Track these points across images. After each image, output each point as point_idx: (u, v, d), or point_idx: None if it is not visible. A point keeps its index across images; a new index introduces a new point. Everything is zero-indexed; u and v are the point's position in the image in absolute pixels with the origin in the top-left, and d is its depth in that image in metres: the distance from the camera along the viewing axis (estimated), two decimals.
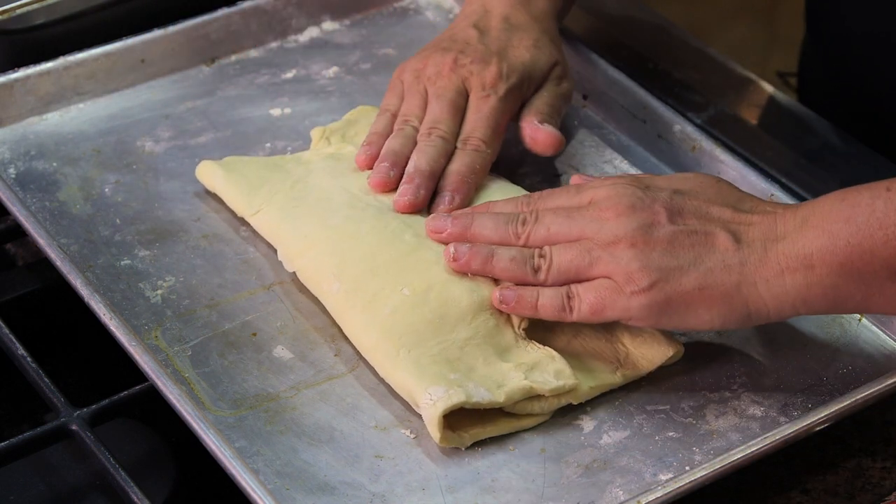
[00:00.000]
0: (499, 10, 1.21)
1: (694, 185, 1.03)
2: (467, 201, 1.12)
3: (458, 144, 1.14)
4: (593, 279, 1.00)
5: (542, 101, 1.18)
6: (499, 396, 0.99)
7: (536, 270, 1.02)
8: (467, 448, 0.99)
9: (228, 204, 1.15)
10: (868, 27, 1.33)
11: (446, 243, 1.05)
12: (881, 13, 1.31)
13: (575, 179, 1.10)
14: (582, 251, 1.01)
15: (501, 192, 1.13)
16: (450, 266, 1.04)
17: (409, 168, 1.12)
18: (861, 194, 0.97)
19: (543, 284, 1.02)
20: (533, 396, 1.00)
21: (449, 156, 1.14)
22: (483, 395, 0.99)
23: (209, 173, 1.17)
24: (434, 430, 0.98)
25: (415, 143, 1.14)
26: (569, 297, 1.00)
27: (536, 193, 1.07)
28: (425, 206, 1.11)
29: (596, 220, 1.01)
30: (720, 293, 0.98)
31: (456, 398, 0.98)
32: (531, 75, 1.18)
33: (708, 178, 1.05)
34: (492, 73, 1.16)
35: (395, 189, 1.11)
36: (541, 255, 1.02)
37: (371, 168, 1.14)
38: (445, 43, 1.20)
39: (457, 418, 0.99)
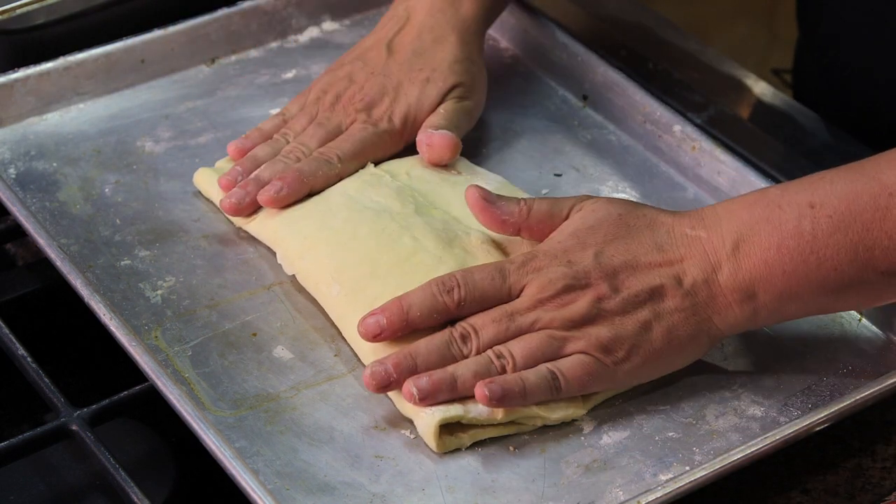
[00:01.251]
0: (418, 18, 1.22)
1: (606, 233, 1.02)
2: (293, 197, 1.12)
3: (315, 153, 1.16)
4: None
5: (437, 116, 1.18)
6: (497, 413, 0.98)
7: (503, 372, 0.99)
8: (467, 448, 0.99)
9: (224, 212, 1.15)
10: (858, 24, 1.33)
11: (393, 389, 0.99)
12: (870, 10, 1.31)
13: (471, 193, 1.05)
14: (545, 338, 0.99)
15: (503, 190, 1.13)
16: (416, 405, 0.98)
17: (251, 175, 1.15)
18: (785, 214, 0.99)
19: None
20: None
21: None
22: (481, 410, 0.98)
23: (205, 181, 1.16)
24: (430, 440, 0.98)
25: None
26: (553, 378, 0.98)
27: (453, 277, 1.01)
28: (249, 212, 1.13)
29: (545, 311, 1.00)
30: (686, 338, 1.00)
31: (453, 411, 0.98)
32: (416, 117, 1.19)
33: (609, 213, 1.03)
34: (377, 112, 1.18)
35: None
36: (498, 356, 0.99)
37: (238, 158, 1.17)
38: (357, 65, 1.21)
39: (456, 422, 0.99)
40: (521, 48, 1.34)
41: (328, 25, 1.36)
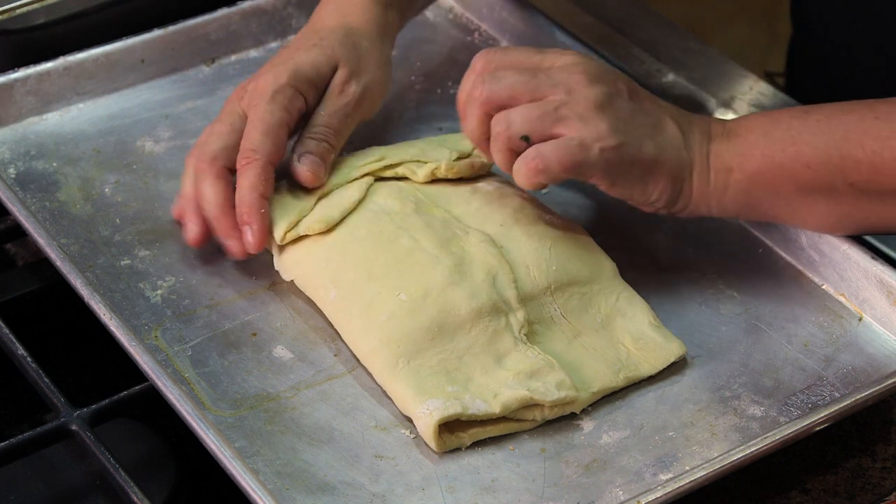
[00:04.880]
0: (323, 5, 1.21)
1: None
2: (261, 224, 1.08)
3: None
4: (555, 136, 1.03)
5: (311, 127, 1.13)
6: (495, 407, 0.99)
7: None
8: (467, 448, 0.99)
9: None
10: (852, 21, 1.33)
11: None
12: (863, 12, 1.31)
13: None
14: (548, 108, 1.03)
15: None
16: None
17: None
18: (783, 113, 1.07)
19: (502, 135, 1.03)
20: (532, 405, 1.00)
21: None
22: (479, 406, 0.99)
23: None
24: (430, 439, 0.98)
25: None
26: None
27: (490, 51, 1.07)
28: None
29: (564, 83, 1.04)
30: (669, 169, 1.05)
31: (452, 409, 0.98)
32: (308, 77, 1.13)
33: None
34: (262, 83, 1.12)
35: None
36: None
37: None
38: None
39: (456, 421, 0.99)
40: None
41: None
